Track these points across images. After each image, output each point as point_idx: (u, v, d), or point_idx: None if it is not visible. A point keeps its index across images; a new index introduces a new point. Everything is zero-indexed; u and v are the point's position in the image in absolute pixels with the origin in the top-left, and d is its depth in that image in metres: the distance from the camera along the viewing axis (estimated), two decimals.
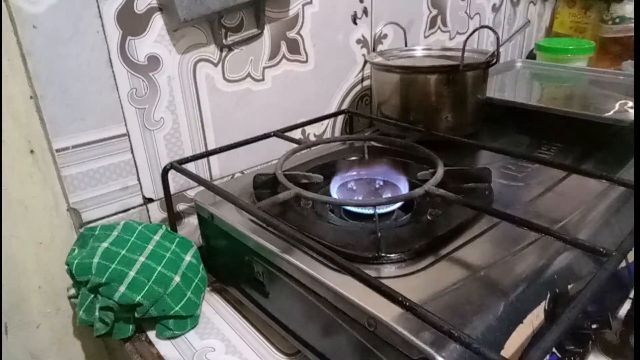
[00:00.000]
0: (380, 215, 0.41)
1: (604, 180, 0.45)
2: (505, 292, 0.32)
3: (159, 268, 0.44)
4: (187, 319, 0.46)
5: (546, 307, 0.33)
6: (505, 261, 0.36)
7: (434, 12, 0.80)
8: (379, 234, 0.38)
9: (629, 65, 0.89)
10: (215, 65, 0.55)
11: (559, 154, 0.56)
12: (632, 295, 0.43)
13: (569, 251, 0.37)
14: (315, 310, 0.36)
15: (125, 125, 0.50)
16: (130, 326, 0.45)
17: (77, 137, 0.47)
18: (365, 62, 0.72)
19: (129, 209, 0.53)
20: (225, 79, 0.56)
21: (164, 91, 0.52)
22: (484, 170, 0.46)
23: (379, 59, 0.66)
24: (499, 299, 0.32)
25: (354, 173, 0.51)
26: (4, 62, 0.42)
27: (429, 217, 0.42)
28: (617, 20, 0.95)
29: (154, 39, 0.49)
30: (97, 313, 0.43)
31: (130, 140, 0.51)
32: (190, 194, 0.58)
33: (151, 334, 0.46)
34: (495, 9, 0.93)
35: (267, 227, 0.41)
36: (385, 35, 0.73)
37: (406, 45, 0.71)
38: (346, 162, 0.54)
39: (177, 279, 0.45)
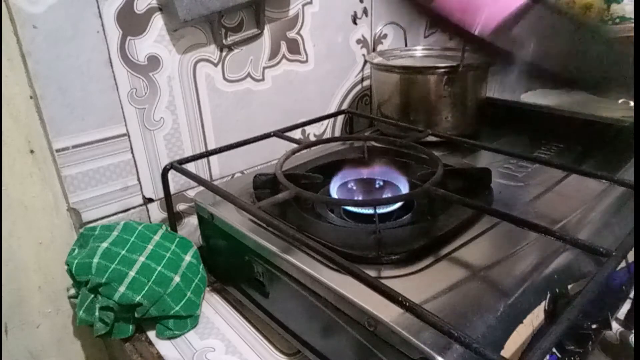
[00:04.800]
0: (380, 215, 0.41)
1: (604, 180, 0.45)
2: (505, 292, 0.32)
3: (159, 268, 0.44)
4: (187, 319, 0.46)
5: (546, 307, 0.33)
6: (505, 261, 0.36)
7: None
8: (379, 234, 0.38)
9: None
10: (215, 65, 0.55)
11: (559, 154, 0.56)
12: (632, 295, 0.43)
13: (569, 251, 0.37)
14: (315, 310, 0.36)
15: (125, 125, 0.50)
16: (130, 326, 0.45)
17: (77, 137, 0.47)
18: (365, 62, 0.72)
19: (129, 209, 0.53)
20: (225, 79, 0.56)
21: (164, 91, 0.52)
22: (484, 170, 0.46)
23: (379, 59, 0.66)
24: (499, 299, 0.32)
25: (354, 173, 0.51)
26: (4, 62, 0.42)
27: (429, 217, 0.42)
28: (617, 20, 0.95)
29: (154, 39, 0.49)
30: (97, 313, 0.43)
31: (130, 140, 0.51)
32: (190, 194, 0.58)
33: (151, 334, 0.46)
34: None
35: (267, 227, 0.41)
36: (385, 35, 0.73)
37: (406, 45, 0.71)
38: (346, 162, 0.54)
39: (177, 279, 0.45)
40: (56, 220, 0.49)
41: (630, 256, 0.34)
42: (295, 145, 0.53)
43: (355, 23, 0.68)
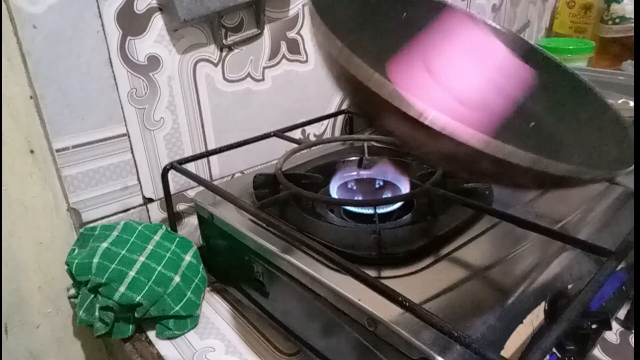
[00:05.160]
0: (380, 215, 0.41)
1: (604, 180, 0.45)
2: (505, 292, 0.32)
3: (159, 268, 0.44)
4: (187, 319, 0.46)
5: (546, 307, 0.33)
6: (505, 261, 0.36)
7: None
8: (379, 234, 0.38)
9: (629, 65, 0.89)
10: (215, 65, 0.55)
11: None
12: (632, 295, 0.43)
13: (569, 251, 0.37)
14: (315, 310, 0.36)
15: (125, 125, 0.50)
16: (130, 326, 0.45)
17: (77, 137, 0.47)
18: None
19: (129, 209, 0.53)
20: (225, 79, 0.56)
21: (164, 91, 0.52)
22: None
23: None
24: (499, 299, 0.32)
25: (354, 173, 0.51)
26: (4, 62, 0.42)
27: (429, 217, 0.42)
28: (617, 20, 0.95)
29: (154, 39, 0.49)
30: (97, 313, 0.43)
31: (130, 140, 0.51)
32: (190, 194, 0.58)
33: (151, 334, 0.46)
34: (495, 9, 0.93)
35: (267, 227, 0.41)
36: None
37: None
38: (346, 162, 0.54)
39: (177, 279, 0.45)
40: (56, 220, 0.49)
41: (630, 256, 0.34)
42: (295, 145, 0.53)
43: None
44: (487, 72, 0.33)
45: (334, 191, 0.48)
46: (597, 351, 0.41)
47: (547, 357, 0.28)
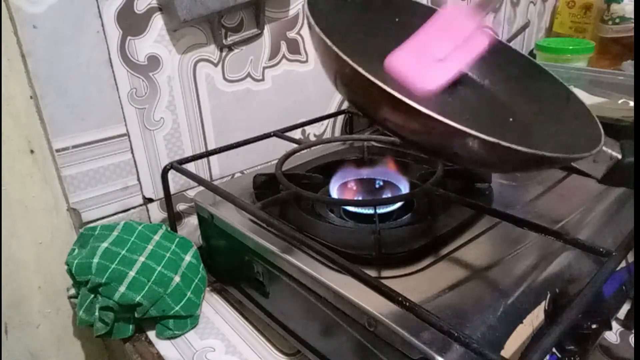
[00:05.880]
0: (381, 215, 0.41)
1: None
2: (505, 292, 0.32)
3: (159, 268, 0.44)
4: (187, 319, 0.46)
5: (546, 307, 0.33)
6: (505, 261, 0.36)
7: None
8: (379, 234, 0.38)
9: (629, 65, 0.89)
10: (215, 65, 0.55)
11: None
12: (632, 295, 0.44)
13: (569, 251, 0.37)
14: (315, 310, 0.36)
15: (125, 125, 0.50)
16: (130, 326, 0.45)
17: (77, 137, 0.47)
18: None
19: (129, 209, 0.53)
20: (225, 79, 0.56)
21: (164, 91, 0.52)
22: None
23: None
24: (499, 299, 0.32)
25: (354, 173, 0.51)
26: (4, 62, 0.42)
27: (429, 217, 0.42)
28: (617, 20, 0.95)
29: (154, 39, 0.49)
30: (97, 313, 0.43)
31: (130, 140, 0.51)
32: (190, 194, 0.58)
33: (151, 334, 0.46)
34: (496, 9, 0.93)
35: (267, 227, 0.41)
36: None
37: None
38: (346, 162, 0.54)
39: (177, 279, 0.45)
40: (56, 220, 0.49)
41: (630, 256, 0.34)
42: (295, 145, 0.53)
43: None
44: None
45: (334, 191, 0.48)
46: (597, 351, 0.41)
47: (547, 357, 0.28)
